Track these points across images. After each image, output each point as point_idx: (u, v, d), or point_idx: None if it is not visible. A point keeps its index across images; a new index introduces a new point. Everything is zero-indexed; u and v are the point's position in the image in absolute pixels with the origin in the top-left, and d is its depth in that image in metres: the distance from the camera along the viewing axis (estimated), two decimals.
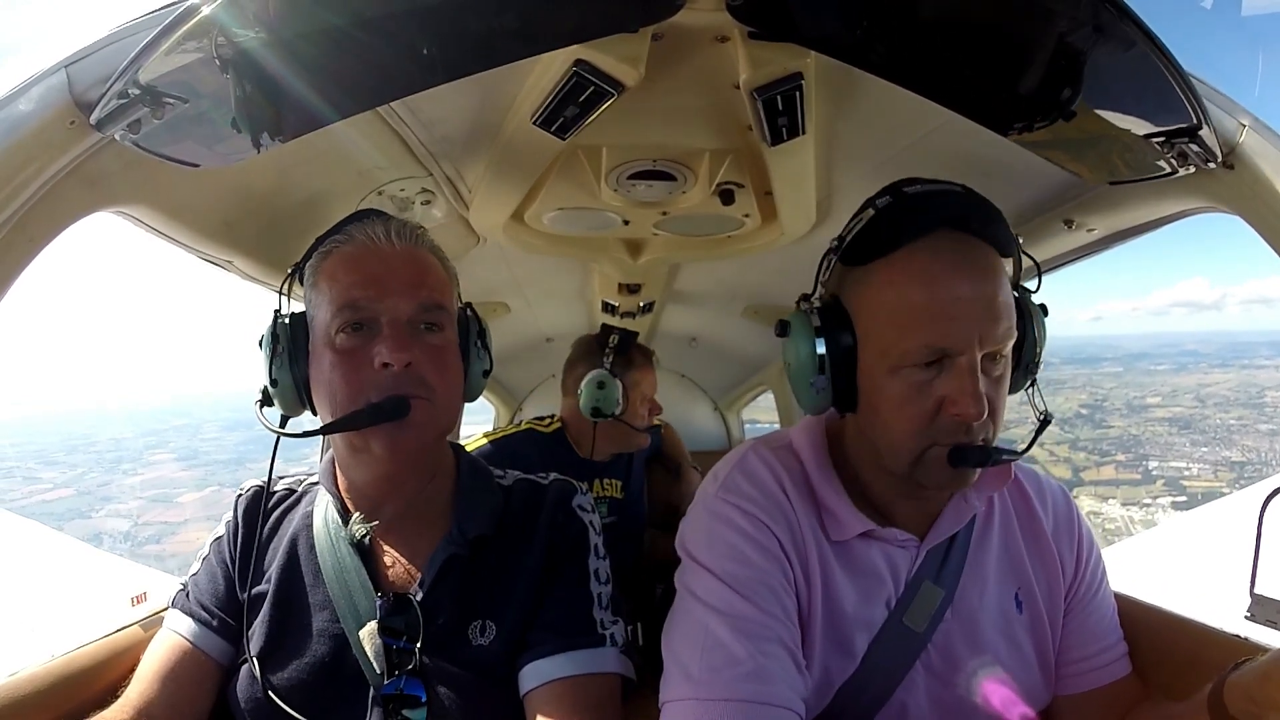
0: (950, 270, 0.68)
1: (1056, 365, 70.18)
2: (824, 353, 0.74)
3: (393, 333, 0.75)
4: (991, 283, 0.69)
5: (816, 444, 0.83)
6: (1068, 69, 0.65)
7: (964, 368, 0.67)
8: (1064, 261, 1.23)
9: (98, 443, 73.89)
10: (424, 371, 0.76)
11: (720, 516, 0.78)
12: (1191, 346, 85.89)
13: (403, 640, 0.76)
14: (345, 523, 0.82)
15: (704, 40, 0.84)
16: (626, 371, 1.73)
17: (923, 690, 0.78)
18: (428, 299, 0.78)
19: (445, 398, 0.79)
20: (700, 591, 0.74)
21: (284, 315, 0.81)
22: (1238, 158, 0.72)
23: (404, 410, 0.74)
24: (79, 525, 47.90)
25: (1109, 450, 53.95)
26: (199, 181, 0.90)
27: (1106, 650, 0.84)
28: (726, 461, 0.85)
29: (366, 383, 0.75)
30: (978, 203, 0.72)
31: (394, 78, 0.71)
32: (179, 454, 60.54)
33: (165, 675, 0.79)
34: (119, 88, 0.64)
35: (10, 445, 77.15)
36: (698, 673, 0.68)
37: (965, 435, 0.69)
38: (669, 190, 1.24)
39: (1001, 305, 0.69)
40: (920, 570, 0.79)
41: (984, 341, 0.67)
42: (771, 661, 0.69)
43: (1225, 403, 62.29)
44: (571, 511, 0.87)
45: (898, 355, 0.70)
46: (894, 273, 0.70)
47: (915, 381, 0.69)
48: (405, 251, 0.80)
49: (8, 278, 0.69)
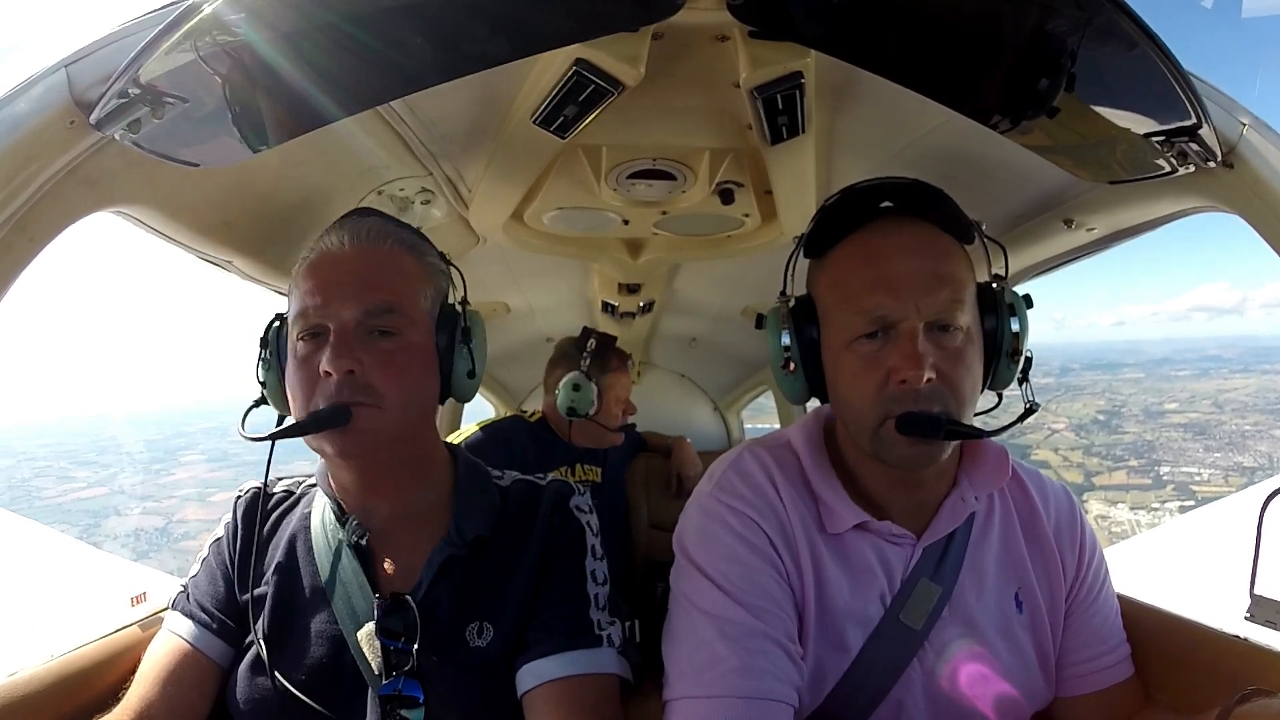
0: (892, 249, 0.73)
1: (1077, 371, 69.99)
2: (788, 343, 0.80)
3: (336, 340, 0.75)
4: (930, 257, 0.73)
5: (813, 439, 0.85)
6: (1068, 68, 0.65)
7: (905, 332, 0.71)
8: (1064, 261, 1.23)
9: (129, 444, 75.11)
10: (371, 377, 0.75)
11: (713, 515, 0.80)
12: (1214, 351, 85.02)
13: (401, 641, 0.76)
14: (342, 524, 0.82)
15: (704, 39, 0.84)
16: (602, 375, 1.85)
17: (919, 688, 0.78)
18: (375, 303, 0.77)
19: (397, 402, 0.77)
20: (691, 593, 0.77)
21: (276, 319, 0.83)
22: (1237, 157, 0.72)
23: (343, 419, 0.74)
24: (115, 522, 48.81)
25: (1122, 456, 53.87)
26: (199, 181, 0.90)
27: (1109, 652, 0.84)
28: (722, 461, 0.86)
29: (317, 390, 0.75)
30: (924, 189, 0.76)
31: (394, 76, 0.71)
32: (209, 455, 61.18)
33: (165, 677, 0.79)
34: (119, 87, 0.64)
35: (42, 445, 78.14)
36: (689, 671, 0.73)
37: (914, 403, 0.71)
38: (669, 190, 1.24)
39: (941, 276, 0.72)
40: (917, 568, 0.79)
41: (922, 310, 0.71)
42: (758, 658, 0.71)
43: (1243, 408, 61.98)
44: (569, 512, 0.87)
45: (847, 329, 0.74)
46: (844, 256, 0.77)
47: (864, 353, 0.73)
48: (357, 253, 0.79)
49: (8, 278, 0.69)
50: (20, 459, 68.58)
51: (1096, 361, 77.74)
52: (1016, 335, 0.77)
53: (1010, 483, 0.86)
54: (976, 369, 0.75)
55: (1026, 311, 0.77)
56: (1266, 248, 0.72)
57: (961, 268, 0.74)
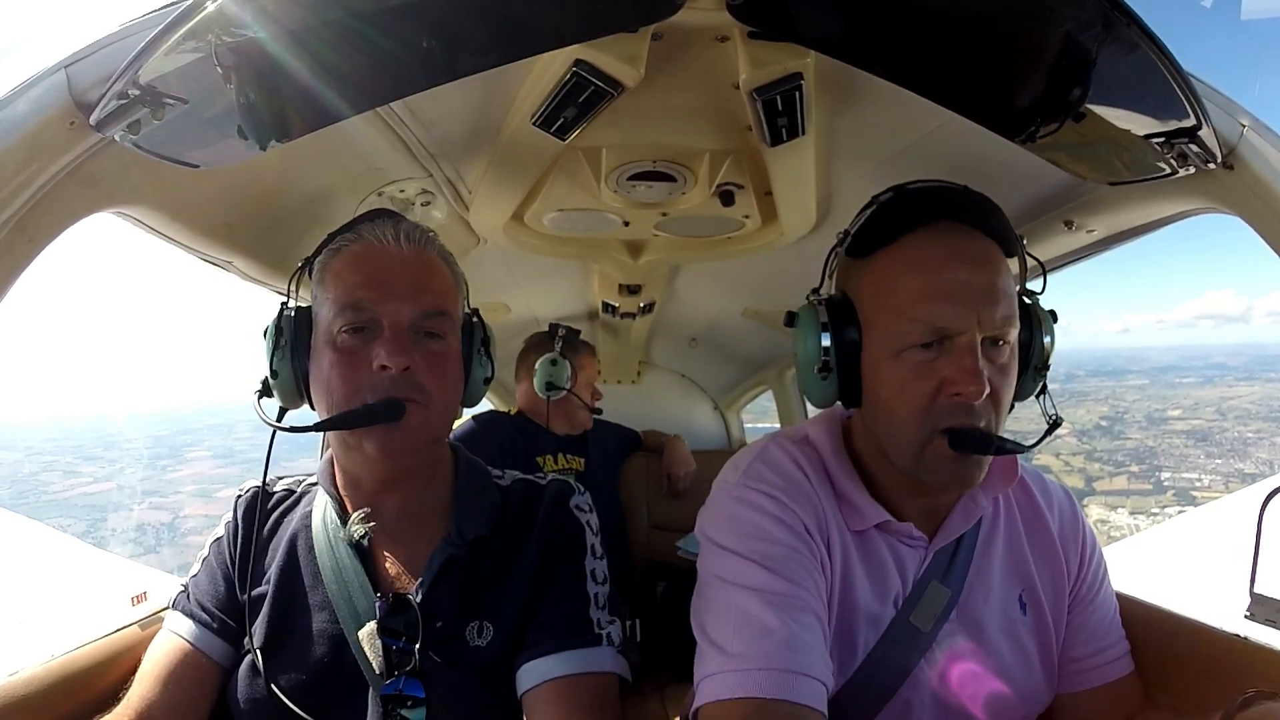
0: (949, 256, 0.70)
1: (1081, 378, 69.56)
2: (829, 344, 0.75)
3: (393, 336, 0.75)
4: (990, 270, 0.70)
5: (834, 436, 0.84)
6: (1068, 69, 0.65)
7: (963, 346, 0.68)
8: (1064, 262, 1.23)
9: (134, 440, 75.36)
10: (421, 377, 0.76)
11: (745, 501, 0.76)
12: (1220, 359, 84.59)
13: (402, 641, 0.76)
14: (344, 523, 0.82)
15: (704, 40, 0.84)
16: (574, 355, 2.03)
17: (926, 689, 0.78)
18: (431, 305, 0.78)
19: (441, 403, 0.79)
20: (728, 573, 0.73)
21: (290, 308, 0.81)
22: (1237, 158, 0.72)
23: (398, 413, 0.74)
24: (121, 517, 48.90)
25: (1124, 461, 53.73)
26: (199, 182, 0.90)
27: (1108, 649, 0.84)
28: (746, 453, 0.84)
29: (364, 383, 0.75)
30: (978, 199, 0.74)
31: (394, 78, 0.71)
32: (215, 452, 61.31)
33: (165, 677, 0.79)
34: (119, 88, 0.64)
35: (48, 440, 78.42)
36: (733, 647, 0.68)
37: (966, 417, 0.69)
38: (669, 191, 1.24)
39: (1001, 290, 0.70)
40: (928, 570, 0.80)
41: (983, 323, 0.68)
42: (805, 631, 0.68)
43: (1245, 415, 61.84)
44: (568, 511, 0.87)
45: (899, 338, 0.71)
46: (895, 260, 0.72)
47: (916, 363, 0.70)
48: (413, 254, 0.80)
49: (8, 278, 0.69)
50: (27, 453, 68.75)
51: (1101, 368, 77.54)
52: (1045, 349, 0.76)
53: (1014, 484, 0.86)
54: (1015, 381, 0.74)
55: (1054, 325, 0.77)
56: (1271, 254, 0.72)
57: (1010, 280, 0.72)
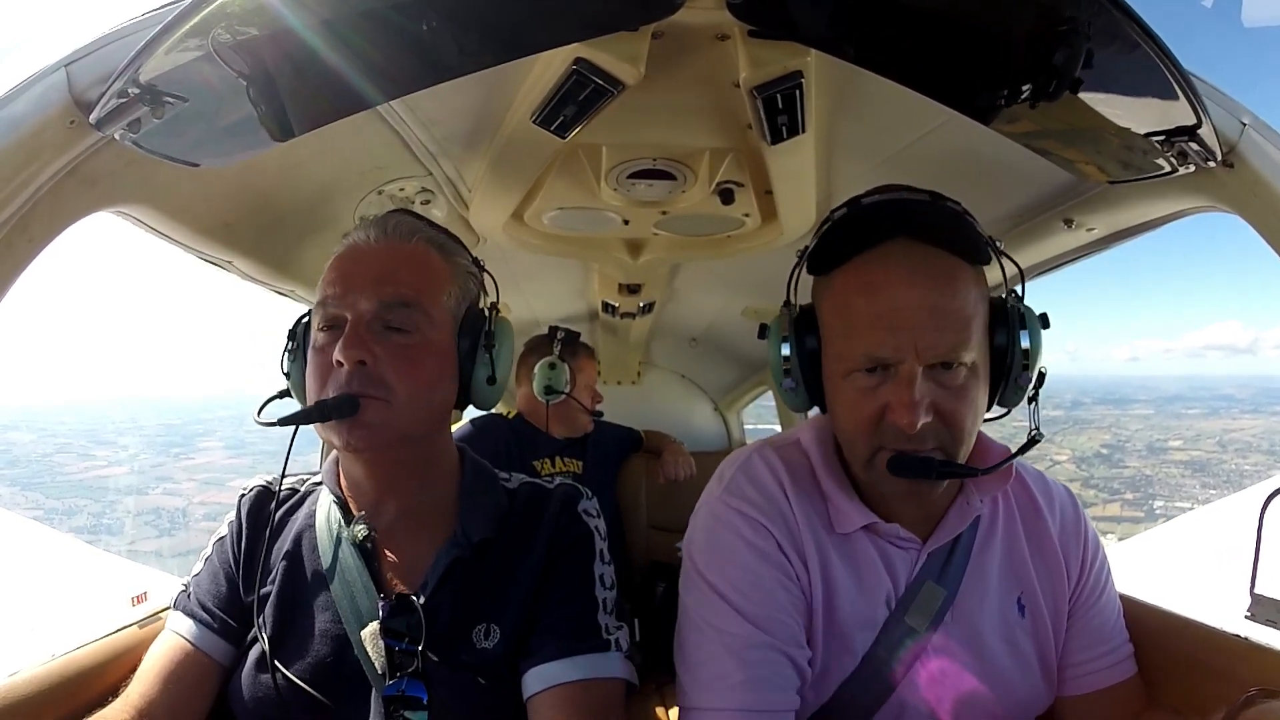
0: (896, 280, 0.69)
1: (1088, 405, 69.72)
2: (788, 354, 0.79)
3: (350, 330, 0.75)
4: (940, 292, 0.69)
5: (823, 438, 0.84)
6: (1068, 68, 0.65)
7: (902, 376, 0.69)
8: (1064, 261, 1.23)
9: (146, 427, 76.19)
10: (383, 371, 0.75)
11: (721, 519, 0.80)
12: (1228, 390, 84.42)
13: (405, 642, 0.76)
14: (348, 523, 0.82)
15: (704, 38, 0.84)
16: (573, 359, 2.01)
17: (922, 690, 0.78)
18: (393, 296, 0.77)
19: (407, 399, 0.76)
20: (698, 606, 0.78)
21: (306, 314, 0.85)
22: (1238, 156, 0.72)
23: (350, 409, 0.73)
24: (136, 500, 49.64)
25: (1119, 489, 53.75)
26: (199, 181, 0.90)
27: (1111, 651, 0.84)
28: (731, 462, 0.86)
29: (329, 380, 0.76)
30: (938, 211, 0.73)
31: (394, 76, 0.71)
32: (226, 443, 61.74)
33: (166, 676, 0.79)
34: (119, 87, 0.64)
35: (61, 424, 79.78)
36: (702, 681, 0.74)
37: (908, 442, 0.70)
38: (669, 189, 1.23)
39: (949, 312, 0.68)
40: (922, 571, 0.80)
41: (923, 353, 0.68)
42: (761, 669, 0.73)
43: (1245, 448, 61.69)
44: (576, 515, 0.86)
45: (845, 361, 0.73)
46: (846, 282, 0.73)
47: (861, 387, 0.72)
48: (383, 247, 0.80)
49: (8, 278, 0.69)
50: (41, 434, 69.25)
51: (1108, 396, 77.34)
52: (1027, 352, 0.74)
53: (1014, 484, 0.86)
54: (980, 398, 0.73)
55: (1040, 329, 0.75)
56: (1276, 268, 0.72)
57: (969, 298, 0.70)
